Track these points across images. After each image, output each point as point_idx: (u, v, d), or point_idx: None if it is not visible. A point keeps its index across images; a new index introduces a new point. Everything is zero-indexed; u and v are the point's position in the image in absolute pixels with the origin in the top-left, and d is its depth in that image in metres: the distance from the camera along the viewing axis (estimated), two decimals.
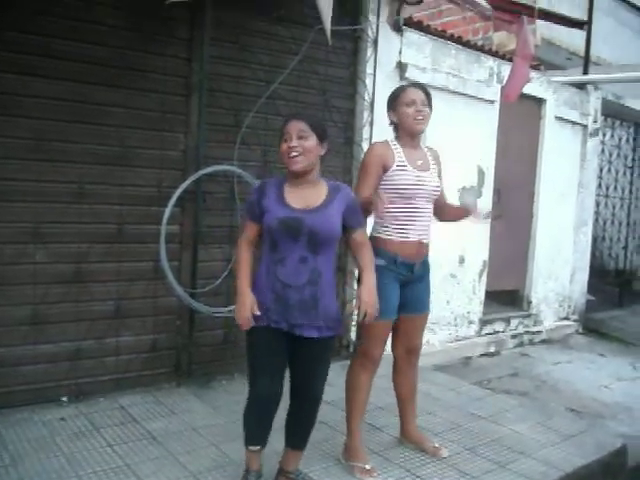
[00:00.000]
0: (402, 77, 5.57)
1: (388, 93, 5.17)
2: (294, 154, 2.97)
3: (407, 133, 3.55)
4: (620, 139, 9.28)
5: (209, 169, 4.43)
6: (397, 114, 3.57)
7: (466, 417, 4.40)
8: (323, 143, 3.11)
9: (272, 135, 4.82)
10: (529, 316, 7.40)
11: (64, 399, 4.16)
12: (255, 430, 3.13)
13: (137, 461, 3.43)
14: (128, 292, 4.34)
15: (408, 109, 3.50)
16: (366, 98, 5.35)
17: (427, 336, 6.10)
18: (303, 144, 2.99)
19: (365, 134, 5.37)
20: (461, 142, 6.21)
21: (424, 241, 3.58)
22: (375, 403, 4.42)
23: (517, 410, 4.66)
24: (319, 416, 3.29)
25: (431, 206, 3.64)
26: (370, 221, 3.36)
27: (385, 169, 3.44)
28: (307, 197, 3.04)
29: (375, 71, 5.37)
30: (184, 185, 4.32)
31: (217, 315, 4.52)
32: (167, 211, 4.24)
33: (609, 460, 3.95)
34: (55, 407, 4.07)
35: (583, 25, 7.05)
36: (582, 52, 9.75)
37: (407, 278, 3.54)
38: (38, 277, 4.02)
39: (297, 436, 3.23)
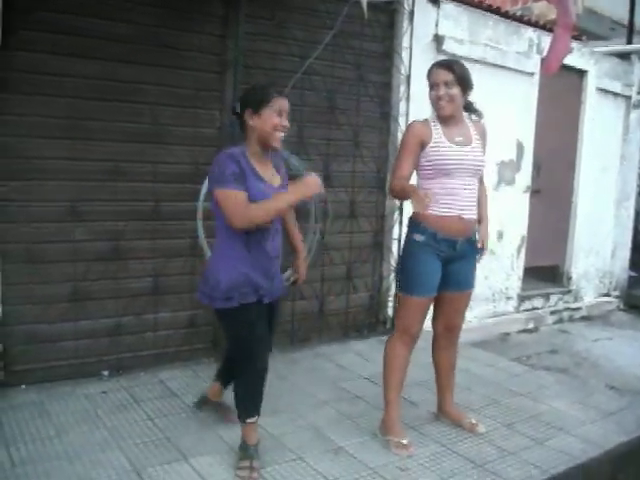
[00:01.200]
0: (439, 50, 5.48)
1: (425, 66, 5.09)
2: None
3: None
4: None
5: None
6: (429, 96, 3.55)
7: (504, 393, 4.37)
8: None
9: (308, 111, 4.83)
10: (569, 292, 7.30)
11: (105, 373, 4.24)
12: (258, 401, 3.20)
13: (177, 434, 3.48)
14: (165, 269, 4.38)
15: (431, 92, 3.52)
16: (402, 72, 5.28)
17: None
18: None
19: (402, 108, 5.31)
20: (500, 116, 6.09)
21: (465, 217, 3.43)
22: (414, 378, 4.41)
23: (556, 387, 4.61)
24: (357, 390, 3.30)
25: (475, 181, 3.49)
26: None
27: (423, 146, 3.39)
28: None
29: (411, 44, 5.29)
30: None
31: None
32: (203, 187, 4.25)
33: None
34: (97, 381, 4.15)
35: None
36: (626, 21, 9.47)
37: (449, 255, 3.46)
38: (77, 255, 4.09)
39: None
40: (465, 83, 3.49)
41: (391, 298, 5.49)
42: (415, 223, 3.40)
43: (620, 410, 4.20)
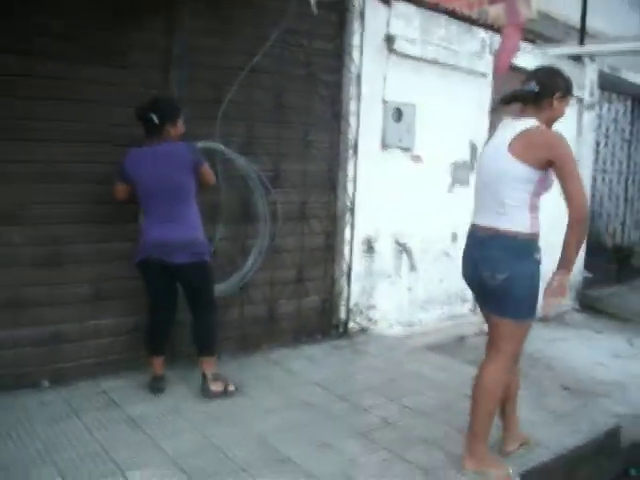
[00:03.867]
0: (390, 49, 5.41)
1: (376, 65, 5.04)
2: None
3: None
4: (617, 112, 9.11)
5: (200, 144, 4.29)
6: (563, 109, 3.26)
7: (458, 397, 4.26)
8: None
9: (256, 109, 4.70)
10: None
11: (45, 383, 4.04)
12: None
13: (116, 446, 3.32)
14: (107, 273, 4.21)
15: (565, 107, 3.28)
16: (353, 71, 5.19)
17: (420, 315, 6.02)
18: None
19: (353, 108, 5.22)
20: (453, 116, 6.07)
21: None
22: (364, 383, 4.35)
23: None
24: (306, 396, 3.17)
25: None
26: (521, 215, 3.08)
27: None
28: None
29: (362, 43, 5.21)
30: None
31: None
32: None
33: (602, 440, 3.84)
34: (36, 392, 3.94)
35: None
36: (578, 25, 9.56)
37: None
38: (16, 260, 3.90)
39: None
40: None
41: (344, 302, 5.39)
42: (531, 241, 3.08)
43: (573, 412, 4.15)
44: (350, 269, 5.38)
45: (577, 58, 7.76)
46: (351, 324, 5.45)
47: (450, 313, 6.39)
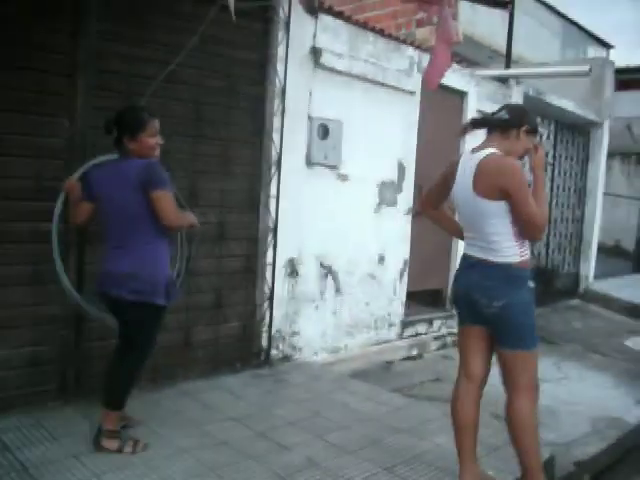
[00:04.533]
0: (317, 62, 5.18)
1: (301, 79, 4.79)
2: None
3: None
4: (541, 136, 9.18)
5: (98, 159, 3.90)
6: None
7: (385, 431, 4.03)
8: None
9: (171, 122, 4.36)
10: (452, 316, 7.12)
11: None
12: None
13: None
14: (1, 300, 3.77)
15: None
16: (277, 84, 4.92)
17: (345, 340, 5.76)
18: None
19: (276, 123, 4.94)
20: (380, 134, 5.90)
21: None
22: (286, 417, 4.05)
23: (440, 420, 4.31)
24: (222, 434, 2.84)
25: None
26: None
27: None
28: None
29: (287, 55, 4.95)
30: (73, 177, 3.78)
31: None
32: (58, 205, 3.69)
33: None
34: None
35: (506, 5, 6.86)
36: (504, 50, 9.65)
37: None
38: None
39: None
40: None
41: (265, 328, 5.08)
42: (523, 270, 3.10)
43: (505, 444, 3.91)
44: (272, 293, 5.07)
45: (503, 80, 7.76)
46: (273, 352, 5.14)
47: (377, 338, 6.15)
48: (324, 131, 5.32)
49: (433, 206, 3.52)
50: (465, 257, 3.26)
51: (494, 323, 3.12)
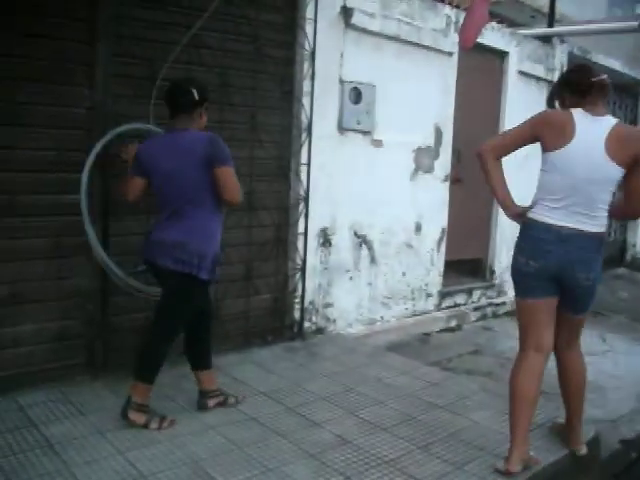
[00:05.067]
0: (348, 23, 4.95)
1: (332, 41, 4.57)
2: None
3: None
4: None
5: (121, 128, 3.79)
6: None
7: (420, 407, 3.88)
8: None
9: None
10: (492, 287, 6.92)
11: None
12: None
13: (23, 478, 2.84)
14: (24, 273, 3.70)
15: None
16: (306, 47, 4.71)
17: (381, 312, 5.61)
18: None
19: (306, 88, 4.74)
20: (416, 98, 5.65)
21: None
22: (318, 392, 3.92)
23: (479, 395, 4.15)
24: (252, 410, 2.72)
25: None
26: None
27: None
28: None
29: (316, 16, 4.72)
30: (97, 147, 3.68)
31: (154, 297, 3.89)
32: (84, 177, 3.61)
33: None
34: None
35: None
36: (546, 9, 9.26)
37: None
38: None
39: None
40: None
41: (297, 300, 4.94)
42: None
43: (548, 421, 3.76)
44: (304, 264, 4.92)
45: (547, 40, 7.39)
46: (306, 324, 5.01)
47: (414, 309, 5.98)
48: (356, 95, 5.10)
49: (498, 155, 3.27)
50: (554, 228, 3.05)
51: (581, 294, 3.16)
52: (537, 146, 7.15)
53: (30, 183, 3.66)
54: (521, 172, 7.03)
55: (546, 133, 3.06)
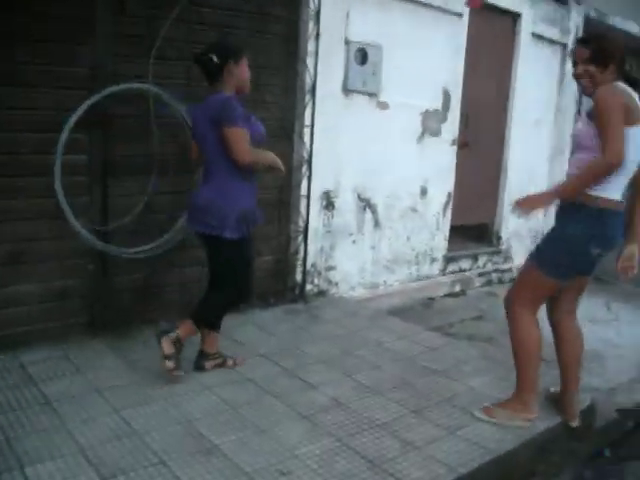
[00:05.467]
0: None
1: (337, 1, 4.46)
2: None
3: None
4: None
5: (115, 87, 3.75)
6: None
7: (417, 371, 3.89)
8: None
9: (199, 48, 4.14)
10: (498, 252, 6.89)
11: None
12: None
13: (20, 433, 2.90)
14: (27, 233, 3.72)
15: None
16: (311, 6, 4.63)
17: (384, 276, 5.61)
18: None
19: (310, 48, 4.67)
20: (424, 60, 5.56)
21: None
22: (318, 355, 3.94)
23: (477, 361, 4.16)
24: (248, 371, 2.74)
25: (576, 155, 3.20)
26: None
27: None
28: None
29: None
30: (84, 106, 3.65)
31: (126, 256, 3.94)
32: (62, 137, 3.59)
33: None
34: None
35: None
36: None
37: None
38: None
39: None
40: (602, 58, 3.05)
41: (300, 262, 4.95)
42: None
43: (544, 389, 3.76)
44: (307, 227, 4.91)
45: (562, 1, 7.20)
46: (308, 287, 5.01)
47: (418, 274, 5.97)
48: (362, 56, 5.02)
49: None
50: (619, 203, 3.08)
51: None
52: (548, 111, 7.04)
53: (31, 143, 3.66)
54: (531, 138, 6.96)
55: (627, 111, 2.95)
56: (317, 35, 4.67)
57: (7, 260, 3.69)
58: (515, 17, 6.48)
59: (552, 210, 7.43)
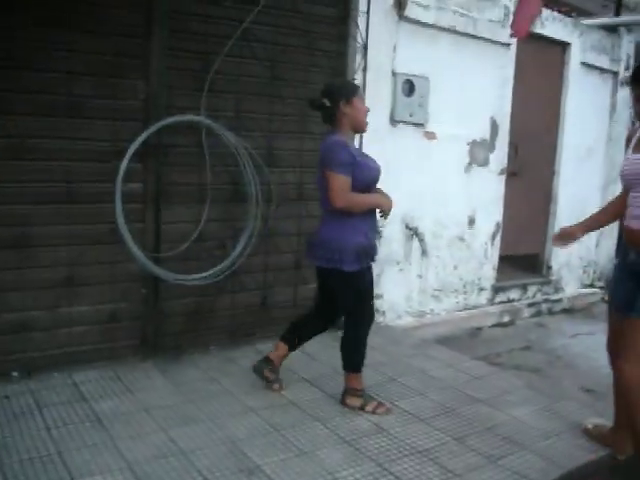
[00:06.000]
0: (401, 16, 4.96)
1: (384, 34, 4.58)
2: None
3: None
4: None
5: (170, 119, 3.92)
6: None
7: (461, 400, 3.88)
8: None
9: (247, 82, 4.33)
10: (549, 283, 6.81)
11: (15, 374, 3.76)
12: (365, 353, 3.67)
13: (71, 447, 3.02)
14: (81, 257, 3.89)
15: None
16: (359, 40, 4.75)
17: (431, 305, 5.62)
18: None
19: (358, 80, 4.78)
20: (472, 90, 5.61)
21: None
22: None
23: (523, 391, 4.13)
24: (293, 395, 2.81)
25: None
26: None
27: None
28: None
29: (369, 8, 4.75)
30: (142, 137, 3.83)
31: (180, 282, 4.07)
32: (122, 166, 3.76)
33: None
34: (3, 383, 3.67)
35: None
36: None
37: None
38: None
39: None
40: None
41: None
42: None
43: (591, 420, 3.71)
44: None
45: (613, 30, 7.18)
46: None
47: (465, 303, 5.95)
48: (409, 87, 5.12)
49: None
50: None
51: None
52: (599, 140, 6.99)
53: (88, 172, 3.84)
54: (582, 167, 6.91)
55: None
56: (365, 68, 4.78)
57: (63, 283, 3.86)
58: (564, 46, 6.49)
59: (604, 239, 7.34)
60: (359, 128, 3.62)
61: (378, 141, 4.97)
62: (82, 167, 3.83)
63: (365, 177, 3.46)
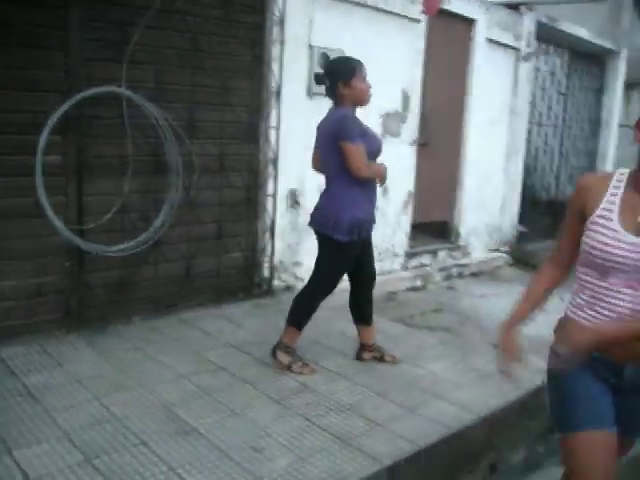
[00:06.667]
0: None
1: (301, 8, 4.67)
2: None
3: None
4: (554, 65, 8.96)
5: (90, 91, 3.91)
6: None
7: None
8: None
9: (168, 53, 4.35)
10: (458, 248, 7.17)
11: None
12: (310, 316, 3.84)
13: (4, 421, 3.04)
14: (4, 231, 3.85)
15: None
16: (276, 12, 4.84)
17: None
18: None
19: (275, 52, 4.88)
20: (384, 64, 5.76)
21: None
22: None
23: (436, 348, 4.43)
24: (221, 360, 2.92)
25: None
26: None
27: (584, 216, 2.14)
28: None
29: None
30: (62, 109, 3.81)
31: (108, 254, 4.10)
32: (42, 138, 3.73)
33: (527, 399, 3.75)
34: None
35: None
36: None
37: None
38: None
39: None
40: None
41: (267, 259, 5.15)
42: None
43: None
44: (274, 224, 5.12)
45: (515, 7, 7.52)
46: (275, 282, 5.22)
47: (380, 269, 6.17)
48: (325, 60, 5.24)
49: None
50: None
51: None
52: (503, 112, 7.31)
53: (7, 145, 3.79)
54: (487, 138, 7.27)
55: None
56: (282, 40, 4.88)
57: None
58: (471, 22, 6.76)
59: (508, 206, 7.77)
60: (361, 102, 3.75)
61: (296, 113, 5.10)
62: (1, 139, 3.77)
63: (372, 148, 3.64)
